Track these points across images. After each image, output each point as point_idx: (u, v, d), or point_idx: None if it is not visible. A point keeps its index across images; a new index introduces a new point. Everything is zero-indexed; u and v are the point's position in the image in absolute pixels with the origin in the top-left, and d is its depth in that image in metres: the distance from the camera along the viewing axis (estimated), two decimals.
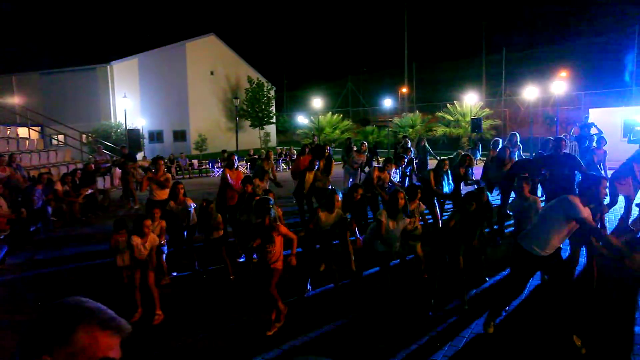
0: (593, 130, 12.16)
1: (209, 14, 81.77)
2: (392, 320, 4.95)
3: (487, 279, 6.00)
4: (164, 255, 6.43)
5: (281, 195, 11.71)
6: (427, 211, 7.83)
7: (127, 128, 22.66)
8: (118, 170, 14.81)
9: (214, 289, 6.11)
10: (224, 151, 9.30)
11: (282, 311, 4.81)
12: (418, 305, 5.24)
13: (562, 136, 9.56)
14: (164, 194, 7.57)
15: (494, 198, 8.88)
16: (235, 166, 8.44)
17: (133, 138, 16.73)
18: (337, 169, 10.12)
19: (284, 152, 25.95)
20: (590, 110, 22.33)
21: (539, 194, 9.51)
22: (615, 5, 47.94)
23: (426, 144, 14.27)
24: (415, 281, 5.97)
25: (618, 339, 4.32)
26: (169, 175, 8.08)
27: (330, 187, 8.24)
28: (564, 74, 36.70)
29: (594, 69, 37.43)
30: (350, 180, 11.16)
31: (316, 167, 8.86)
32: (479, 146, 18.07)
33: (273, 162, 11.05)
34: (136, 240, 5.18)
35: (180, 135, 35.65)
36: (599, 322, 4.64)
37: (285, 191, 10.79)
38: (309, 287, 5.85)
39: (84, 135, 22.45)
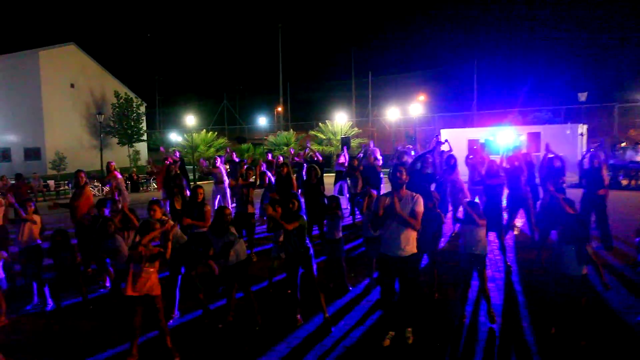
0: (445, 147, 12.58)
1: (69, 22, 74.90)
2: (264, 329, 5.03)
3: (350, 288, 6.39)
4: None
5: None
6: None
7: None
8: None
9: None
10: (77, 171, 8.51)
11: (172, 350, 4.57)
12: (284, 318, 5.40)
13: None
14: None
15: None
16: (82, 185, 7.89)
17: None
18: (207, 187, 9.98)
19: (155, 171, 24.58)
20: (442, 130, 25.15)
21: None
22: (459, 41, 55.23)
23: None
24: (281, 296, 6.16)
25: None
26: None
27: None
28: (422, 97, 40.79)
29: (446, 94, 42.27)
30: (218, 197, 11.34)
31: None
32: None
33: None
34: None
35: (33, 154, 31.95)
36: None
37: None
38: (176, 313, 5.65)
39: None
